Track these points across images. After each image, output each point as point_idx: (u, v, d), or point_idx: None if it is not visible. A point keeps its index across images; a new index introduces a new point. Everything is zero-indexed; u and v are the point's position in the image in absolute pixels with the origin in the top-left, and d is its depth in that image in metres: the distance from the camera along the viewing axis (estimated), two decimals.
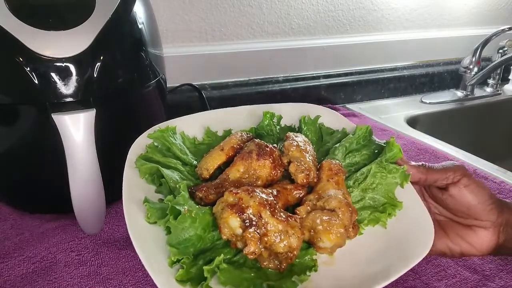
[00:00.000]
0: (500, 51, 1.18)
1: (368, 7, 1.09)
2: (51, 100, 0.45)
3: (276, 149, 0.45)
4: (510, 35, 1.15)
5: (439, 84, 1.25)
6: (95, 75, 0.47)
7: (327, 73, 1.08)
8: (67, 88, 0.45)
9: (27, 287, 0.45)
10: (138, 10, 0.53)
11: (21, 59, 0.44)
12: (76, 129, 0.43)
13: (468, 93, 1.18)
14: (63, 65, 0.45)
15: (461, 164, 0.43)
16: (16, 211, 0.58)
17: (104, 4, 0.48)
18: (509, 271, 0.50)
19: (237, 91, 0.97)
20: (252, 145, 0.44)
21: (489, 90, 1.23)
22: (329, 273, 0.36)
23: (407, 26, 1.17)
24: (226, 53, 0.95)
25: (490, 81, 1.24)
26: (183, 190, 0.39)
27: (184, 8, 0.89)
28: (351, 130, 0.51)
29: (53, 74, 0.45)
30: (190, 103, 0.92)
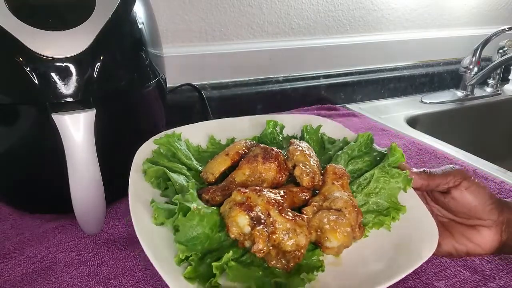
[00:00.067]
0: (500, 51, 1.18)
1: (368, 7, 1.09)
2: (51, 100, 0.45)
3: (282, 153, 0.46)
4: (510, 35, 1.15)
5: (439, 84, 1.25)
6: (95, 75, 0.47)
7: (327, 73, 1.08)
8: (67, 88, 0.45)
9: (27, 287, 0.45)
10: (138, 10, 0.53)
11: (21, 59, 0.44)
12: (76, 129, 0.43)
13: (468, 93, 1.18)
14: (63, 65, 0.45)
15: (460, 168, 0.44)
16: (16, 211, 0.58)
17: (104, 4, 0.48)
18: (509, 271, 0.50)
19: (237, 91, 0.97)
20: (258, 149, 0.45)
21: (489, 90, 1.23)
22: (336, 273, 0.37)
23: (407, 26, 1.17)
24: (226, 53, 0.95)
25: (490, 81, 1.24)
26: (192, 189, 0.39)
27: (184, 8, 0.89)
28: (352, 140, 0.52)
29: (53, 74, 0.45)
30: (190, 103, 0.92)
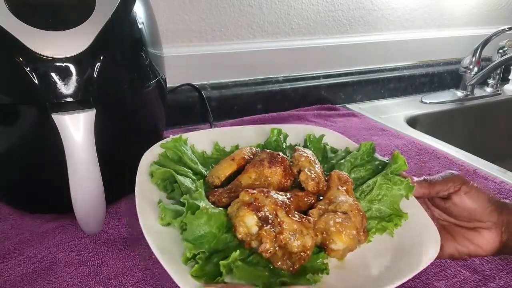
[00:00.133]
0: (500, 51, 1.18)
1: (368, 7, 1.09)
2: (51, 100, 0.45)
3: (287, 159, 0.46)
4: (510, 35, 1.15)
5: (439, 84, 1.25)
6: (95, 75, 0.47)
7: (327, 73, 1.08)
8: (67, 88, 0.45)
9: (27, 287, 0.45)
10: (138, 10, 0.53)
11: (21, 59, 0.44)
12: (76, 129, 0.43)
13: (468, 93, 1.18)
14: (63, 65, 0.45)
15: (459, 173, 0.45)
16: (16, 211, 0.58)
17: (104, 4, 0.48)
18: (509, 271, 0.50)
19: (237, 91, 0.97)
20: (264, 154, 0.46)
21: (489, 90, 1.23)
22: (339, 277, 0.37)
23: (407, 26, 1.17)
24: (226, 53, 0.95)
25: (490, 81, 1.24)
26: (200, 188, 0.40)
27: (184, 8, 0.89)
28: (354, 149, 0.53)
29: (53, 74, 0.45)
30: (190, 103, 0.92)
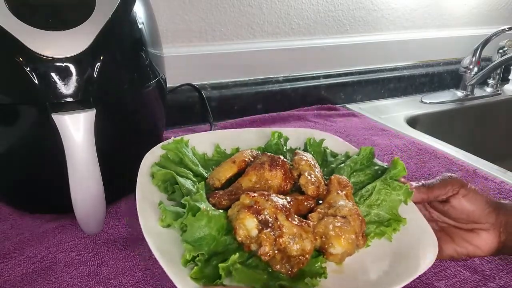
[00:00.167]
0: (500, 51, 1.18)
1: (368, 7, 1.09)
2: (51, 100, 0.45)
3: (288, 162, 0.47)
4: (510, 35, 1.15)
5: (439, 84, 1.25)
6: (95, 75, 0.47)
7: (327, 73, 1.08)
8: (67, 88, 0.45)
9: (27, 287, 0.45)
10: (138, 10, 0.53)
11: (21, 59, 0.44)
12: (76, 129, 0.43)
13: (468, 93, 1.18)
14: (63, 65, 0.45)
15: (456, 176, 0.46)
16: (16, 211, 0.58)
17: (104, 4, 0.48)
18: (509, 271, 0.50)
19: (237, 91, 0.97)
20: (265, 157, 0.46)
21: (489, 90, 1.23)
22: (337, 281, 0.37)
23: (407, 26, 1.17)
24: (226, 53, 0.95)
25: (490, 81, 1.24)
26: (201, 189, 0.40)
27: (184, 8, 0.89)
28: (354, 154, 0.53)
29: (53, 74, 0.45)
30: (190, 103, 0.92)
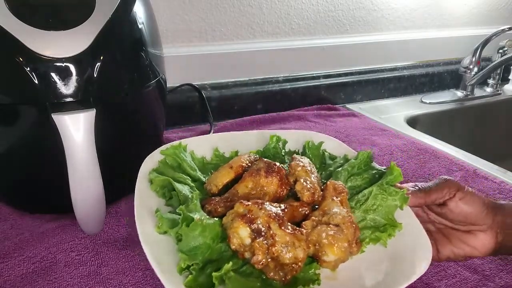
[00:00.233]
0: (500, 51, 1.18)
1: (368, 7, 1.09)
2: (51, 100, 0.45)
3: (284, 168, 0.47)
4: (510, 35, 1.15)
5: (439, 84, 1.25)
6: (95, 75, 0.47)
7: (327, 73, 1.08)
8: (67, 88, 0.45)
9: (27, 287, 0.45)
10: (138, 10, 0.53)
11: (21, 59, 0.44)
12: (76, 129, 0.43)
13: (468, 93, 1.18)
14: (63, 65, 0.45)
15: (451, 178, 0.46)
16: (16, 211, 0.58)
17: (104, 4, 0.48)
18: (509, 271, 0.50)
19: (237, 91, 0.97)
20: (261, 163, 0.47)
21: (489, 90, 1.23)
22: (332, 287, 0.38)
23: (407, 26, 1.17)
24: (226, 53, 0.95)
25: (490, 81, 1.24)
26: (196, 199, 0.41)
27: (184, 8, 0.89)
28: (352, 157, 0.53)
29: (53, 74, 0.45)
30: (190, 103, 0.92)
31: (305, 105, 1.04)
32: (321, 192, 0.45)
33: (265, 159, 0.48)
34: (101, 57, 0.47)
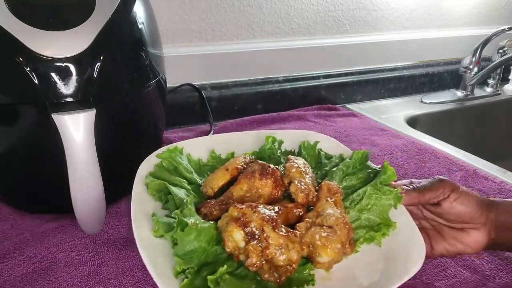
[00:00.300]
0: (500, 51, 1.18)
1: (368, 7, 1.09)
2: (51, 100, 0.45)
3: (278, 170, 0.47)
4: (510, 35, 1.15)
5: (439, 84, 1.25)
6: (95, 75, 0.47)
7: (327, 73, 1.08)
8: (67, 88, 0.45)
9: (27, 287, 0.45)
10: (138, 10, 0.53)
11: (21, 59, 0.44)
12: (76, 129, 0.43)
13: (468, 93, 1.18)
14: (63, 65, 0.45)
15: (446, 179, 0.46)
16: (16, 211, 0.58)
17: (104, 4, 0.48)
18: (509, 271, 0.50)
19: (237, 91, 0.97)
20: (256, 165, 0.47)
21: (489, 90, 1.23)
22: (326, 287, 0.38)
23: (407, 26, 1.17)
24: (226, 53, 0.95)
25: (490, 81, 1.24)
26: (190, 204, 0.41)
27: (184, 8, 0.89)
28: (348, 156, 0.53)
29: (53, 74, 0.45)
30: (190, 103, 0.92)
31: (305, 105, 1.04)
32: (316, 193, 0.45)
33: (260, 161, 0.48)
34: (101, 57, 0.47)
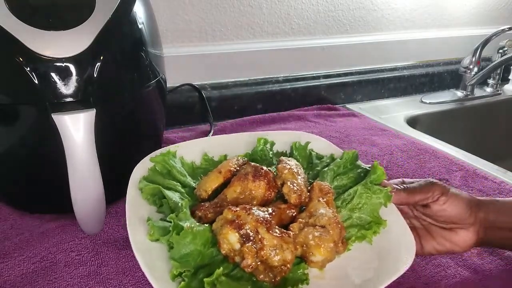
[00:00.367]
0: (500, 51, 1.18)
1: (368, 7, 1.09)
2: (51, 100, 0.45)
3: (271, 172, 0.48)
4: (510, 35, 1.15)
5: (439, 84, 1.25)
6: (95, 75, 0.47)
7: (327, 73, 1.08)
8: (67, 88, 0.45)
9: (27, 287, 0.45)
10: (138, 10, 0.53)
11: (21, 59, 0.44)
12: (76, 129, 0.43)
13: (468, 93, 1.18)
14: (63, 65, 0.45)
15: (437, 182, 0.47)
16: (16, 211, 0.58)
17: (104, 4, 0.48)
18: (509, 271, 0.50)
19: (237, 91, 0.97)
20: (249, 168, 0.48)
21: (489, 90, 1.23)
22: (320, 286, 0.39)
23: (407, 26, 1.17)
24: (226, 53, 0.95)
25: (490, 81, 1.24)
26: (185, 208, 0.41)
27: (184, 8, 0.89)
28: (339, 156, 0.54)
29: (53, 74, 0.45)
30: (190, 103, 0.92)
31: (305, 105, 1.04)
32: (308, 194, 0.46)
33: (253, 163, 0.48)
34: (101, 57, 0.47)
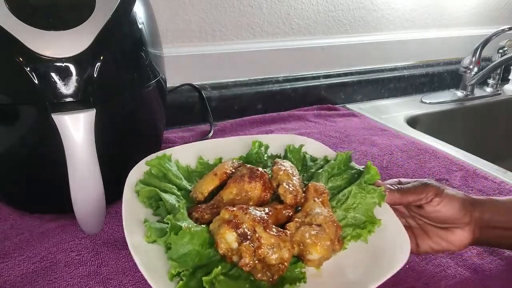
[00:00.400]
0: (500, 51, 1.18)
1: (368, 7, 1.09)
2: (51, 100, 0.45)
3: (266, 173, 0.48)
4: (510, 35, 1.15)
5: (439, 84, 1.25)
6: (95, 75, 0.47)
7: (327, 73, 1.08)
8: (67, 88, 0.45)
9: (27, 287, 0.45)
10: (138, 10, 0.53)
11: (21, 59, 0.44)
12: (76, 129, 0.43)
13: (468, 93, 1.18)
14: (63, 65, 0.45)
15: (431, 183, 0.47)
16: (16, 211, 0.58)
17: (104, 4, 0.48)
18: (509, 271, 0.50)
19: (237, 91, 0.97)
20: (244, 169, 0.48)
21: (489, 90, 1.23)
22: (317, 284, 0.39)
23: (407, 26, 1.17)
24: (226, 53, 0.95)
25: (490, 81, 1.24)
26: (183, 208, 0.42)
27: (184, 8, 0.89)
28: (333, 157, 0.55)
29: (53, 74, 0.45)
30: (190, 103, 0.92)
31: (305, 105, 1.04)
32: (303, 194, 0.47)
33: (248, 165, 0.49)
34: (101, 57, 0.47)
